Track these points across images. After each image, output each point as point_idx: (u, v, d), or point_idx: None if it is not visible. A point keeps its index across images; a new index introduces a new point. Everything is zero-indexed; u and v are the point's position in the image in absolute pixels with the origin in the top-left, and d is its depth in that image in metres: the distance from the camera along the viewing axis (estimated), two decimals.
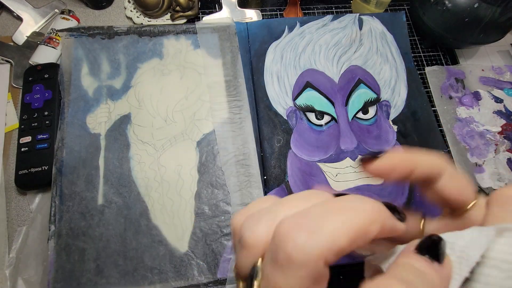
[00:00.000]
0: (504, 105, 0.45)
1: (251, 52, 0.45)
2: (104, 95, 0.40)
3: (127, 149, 0.38)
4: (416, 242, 0.15)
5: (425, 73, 0.48)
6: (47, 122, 0.39)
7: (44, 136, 0.38)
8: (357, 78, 0.43)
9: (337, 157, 0.39)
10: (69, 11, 0.46)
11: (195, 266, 0.34)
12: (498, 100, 0.46)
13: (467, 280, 0.14)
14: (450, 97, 0.46)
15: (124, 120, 0.39)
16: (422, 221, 0.21)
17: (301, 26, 0.46)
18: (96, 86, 0.40)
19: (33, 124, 0.38)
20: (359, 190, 0.38)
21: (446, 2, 0.42)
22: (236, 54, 0.43)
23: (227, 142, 0.39)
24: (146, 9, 0.46)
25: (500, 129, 0.44)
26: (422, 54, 0.50)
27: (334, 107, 0.42)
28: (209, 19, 0.48)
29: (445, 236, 0.15)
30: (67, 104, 0.39)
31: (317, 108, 0.41)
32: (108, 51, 0.42)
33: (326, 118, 0.41)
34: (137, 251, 0.34)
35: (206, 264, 0.34)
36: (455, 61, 0.50)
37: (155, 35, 0.43)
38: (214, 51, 0.43)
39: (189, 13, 0.47)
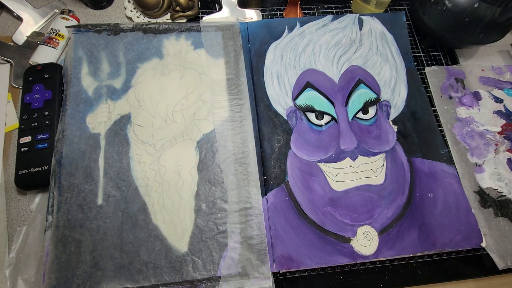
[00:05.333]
0: (504, 105, 0.45)
1: (251, 52, 0.45)
2: (104, 95, 0.40)
3: (127, 149, 0.38)
4: None
5: (425, 73, 0.48)
6: (47, 122, 0.39)
7: (44, 136, 0.38)
8: (357, 78, 0.43)
9: (337, 157, 0.39)
10: (69, 11, 0.46)
11: (190, 262, 0.34)
12: (498, 100, 0.46)
13: None
14: (450, 97, 0.46)
15: (124, 120, 0.39)
16: None
17: (301, 26, 0.46)
18: (96, 86, 0.40)
19: (33, 124, 0.38)
20: (359, 190, 0.38)
21: (446, 2, 0.42)
22: (239, 53, 0.43)
23: (226, 140, 0.39)
24: (146, 9, 0.46)
25: (500, 129, 0.44)
26: (422, 54, 0.50)
27: (334, 107, 0.42)
28: (213, 17, 0.48)
29: None
30: (69, 96, 0.39)
31: (317, 108, 0.41)
32: (112, 47, 0.42)
33: (326, 118, 0.41)
34: (134, 245, 0.34)
35: (201, 260, 0.34)
36: (455, 61, 0.50)
37: (160, 32, 0.44)
38: (217, 50, 0.43)
39: (189, 13, 0.47)
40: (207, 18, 0.48)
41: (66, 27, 0.43)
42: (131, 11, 0.48)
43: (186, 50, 0.43)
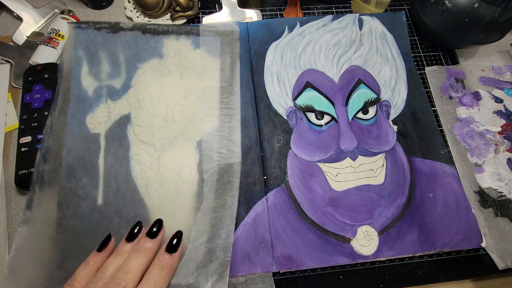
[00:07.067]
0: (504, 105, 0.45)
1: (251, 52, 0.45)
2: (104, 95, 0.40)
3: (127, 149, 0.38)
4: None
5: (425, 73, 0.48)
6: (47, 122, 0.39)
7: None
8: (357, 78, 0.43)
9: (337, 157, 0.39)
10: (69, 11, 0.46)
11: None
12: (498, 100, 0.46)
13: None
14: (450, 97, 0.46)
15: (124, 120, 0.39)
16: None
17: (301, 26, 0.46)
18: (96, 86, 0.40)
19: (33, 124, 0.38)
20: (359, 190, 0.38)
21: (446, 2, 0.42)
22: (235, 60, 0.43)
23: (212, 150, 0.38)
24: (146, 9, 0.46)
25: (500, 129, 0.44)
26: (422, 54, 0.50)
27: (334, 107, 0.42)
28: (213, 17, 0.48)
29: None
30: (62, 91, 0.39)
31: (317, 108, 0.42)
32: (110, 45, 0.42)
33: (326, 118, 0.41)
34: None
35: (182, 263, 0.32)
36: (455, 61, 0.50)
37: (158, 33, 0.44)
38: (214, 55, 0.43)
39: (189, 13, 0.47)
40: (207, 19, 0.48)
41: (68, 22, 0.44)
42: (131, 11, 0.48)
43: (186, 50, 0.43)
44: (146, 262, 0.27)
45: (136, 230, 0.28)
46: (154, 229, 0.28)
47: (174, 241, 0.28)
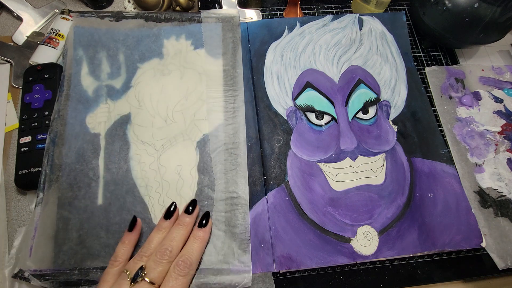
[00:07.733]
0: (504, 105, 0.45)
1: (251, 52, 0.45)
2: (104, 95, 0.40)
3: (127, 149, 0.38)
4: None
5: (425, 73, 0.48)
6: (47, 122, 0.39)
7: (44, 136, 0.38)
8: (357, 78, 0.43)
9: (337, 157, 0.39)
10: (69, 11, 0.46)
11: None
12: (498, 100, 0.46)
13: None
14: (450, 97, 0.46)
15: (124, 120, 0.39)
16: None
17: (301, 26, 0.46)
18: (96, 86, 0.40)
19: (33, 124, 0.38)
20: (359, 190, 0.38)
21: (446, 2, 0.42)
22: (237, 45, 0.44)
23: (218, 130, 0.39)
24: (146, 9, 0.46)
25: (500, 129, 0.44)
26: (422, 54, 0.50)
27: (334, 107, 0.42)
28: (214, 10, 0.48)
29: None
30: (67, 77, 0.40)
31: (317, 108, 0.42)
32: (113, 32, 0.43)
33: (326, 118, 0.41)
34: (120, 226, 0.35)
35: None
36: (455, 61, 0.50)
37: (161, 21, 0.44)
38: (216, 41, 0.44)
39: None
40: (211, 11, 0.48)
41: (72, 12, 0.44)
42: (131, 11, 0.48)
43: (186, 50, 0.43)
44: (186, 233, 0.32)
45: (172, 209, 0.33)
46: (190, 208, 0.33)
47: (204, 219, 0.33)
